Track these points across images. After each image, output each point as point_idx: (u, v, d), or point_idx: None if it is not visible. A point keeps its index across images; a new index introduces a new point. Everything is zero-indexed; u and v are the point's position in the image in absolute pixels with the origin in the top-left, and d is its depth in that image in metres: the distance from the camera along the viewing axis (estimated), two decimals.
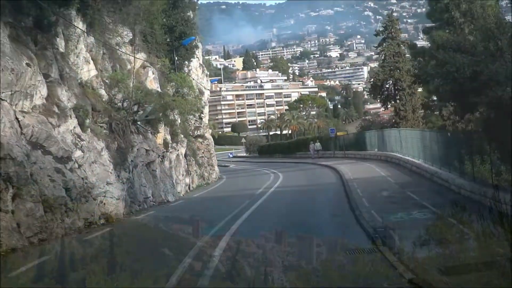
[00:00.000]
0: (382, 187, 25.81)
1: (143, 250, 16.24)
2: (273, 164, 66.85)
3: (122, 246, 17.45)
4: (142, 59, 34.18)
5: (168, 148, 34.21)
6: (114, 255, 15.92)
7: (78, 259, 15.57)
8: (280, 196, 28.63)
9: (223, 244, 15.12)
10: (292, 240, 16.08)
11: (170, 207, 28.61)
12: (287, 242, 15.90)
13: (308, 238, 15.97)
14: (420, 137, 31.05)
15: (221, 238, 15.77)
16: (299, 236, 16.49)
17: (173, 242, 16.64)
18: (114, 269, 13.61)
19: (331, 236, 16.58)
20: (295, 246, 15.21)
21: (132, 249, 16.77)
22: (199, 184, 42.61)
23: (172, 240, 17.74)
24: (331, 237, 16.35)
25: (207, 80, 52.64)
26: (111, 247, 17.49)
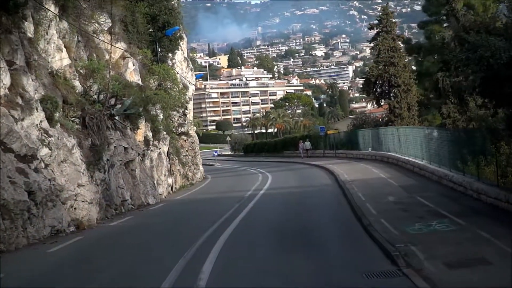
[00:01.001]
0: (385, 191, 23.28)
1: (113, 268, 13.58)
2: (260, 163, 64.31)
3: (91, 262, 14.73)
4: (122, 48, 31.38)
5: (149, 146, 31.42)
6: (78, 275, 13.24)
7: (32, 279, 12.90)
8: (271, 200, 25.91)
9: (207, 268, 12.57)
10: (293, 258, 13.40)
11: (150, 211, 25.86)
12: (288, 260, 13.24)
13: (313, 257, 13.31)
14: (424, 135, 28.49)
15: (203, 262, 13.16)
16: (302, 253, 13.80)
17: (144, 266, 13.90)
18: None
19: (339, 253, 13.90)
20: (299, 268, 12.53)
21: (102, 265, 14.07)
22: (183, 185, 39.89)
23: (145, 256, 15.00)
24: (340, 255, 13.67)
25: (192, 74, 49.83)
26: (77, 262, 14.75)
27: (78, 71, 25.65)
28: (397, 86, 46.90)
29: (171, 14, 38.07)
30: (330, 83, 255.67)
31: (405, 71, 47.23)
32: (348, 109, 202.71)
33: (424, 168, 27.14)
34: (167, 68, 33.98)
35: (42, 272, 13.66)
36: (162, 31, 37.37)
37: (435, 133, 26.55)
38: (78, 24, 26.59)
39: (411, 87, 46.84)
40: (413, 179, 26.43)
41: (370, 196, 21.92)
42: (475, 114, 35.01)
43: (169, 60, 41.20)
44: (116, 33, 31.43)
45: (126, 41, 33.27)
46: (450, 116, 41.01)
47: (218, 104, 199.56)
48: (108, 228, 20.80)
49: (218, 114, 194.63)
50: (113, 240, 18.24)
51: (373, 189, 24.33)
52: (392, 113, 47.19)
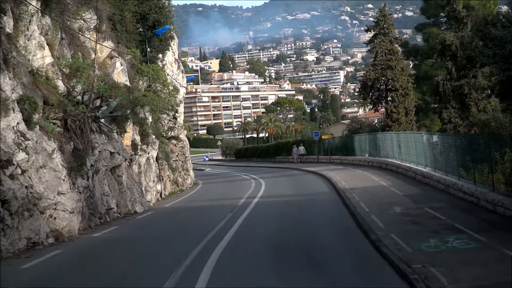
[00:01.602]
0: (390, 201, 21.73)
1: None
2: (252, 168, 62.71)
3: (67, 281, 13.08)
4: (109, 47, 29.73)
5: (137, 150, 29.75)
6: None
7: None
8: (266, 211, 24.20)
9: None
10: (295, 283, 11.78)
11: (136, 221, 24.17)
12: (289, 286, 11.63)
13: (318, 282, 11.69)
14: (427, 141, 26.98)
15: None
16: (305, 276, 12.19)
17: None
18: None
19: (347, 275, 12.26)
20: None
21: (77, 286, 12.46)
22: (173, 191, 38.22)
23: (126, 277, 13.35)
24: (348, 277, 12.04)
25: (183, 76, 48.25)
26: (52, 282, 13.10)
27: (61, 70, 23.97)
28: (395, 90, 45.44)
29: (162, 12, 36.49)
30: (322, 88, 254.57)
31: (403, 75, 45.77)
32: (340, 114, 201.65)
33: (429, 176, 25.62)
34: (157, 68, 32.33)
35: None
36: (152, 31, 35.80)
37: (440, 139, 25.00)
38: (62, 20, 24.92)
39: (409, 91, 45.37)
40: (418, 188, 24.90)
41: (374, 207, 20.37)
42: (478, 119, 33.50)
43: (159, 61, 39.63)
44: (103, 31, 29.84)
45: (114, 40, 31.68)
46: (451, 121, 39.57)
47: (209, 108, 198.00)
48: (89, 240, 19.10)
49: (209, 118, 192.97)
50: (93, 255, 16.56)
51: (375, 199, 22.79)
52: (389, 118, 45.70)
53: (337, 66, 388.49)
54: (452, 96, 39.87)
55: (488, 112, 34.88)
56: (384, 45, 46.24)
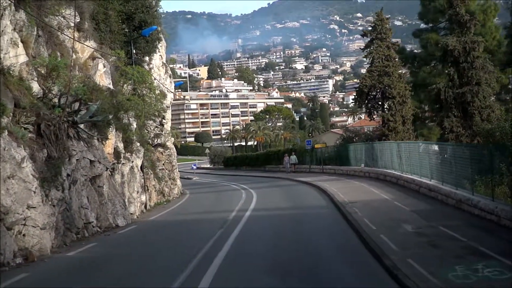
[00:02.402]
0: (397, 217, 19.72)
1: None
2: (241, 178, 60.60)
3: None
4: (91, 47, 27.60)
5: (119, 158, 27.57)
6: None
7: None
8: (260, 227, 21.99)
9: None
10: None
11: (117, 237, 21.96)
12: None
13: None
14: (434, 151, 25.02)
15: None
16: None
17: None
18: None
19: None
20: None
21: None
22: (158, 202, 36.06)
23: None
24: None
25: (170, 81, 46.12)
26: None
27: (36, 70, 21.83)
28: (392, 97, 43.45)
29: (149, 12, 34.37)
30: (311, 96, 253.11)
31: (400, 82, 43.81)
32: (329, 123, 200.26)
33: (435, 189, 23.64)
34: (142, 70, 30.14)
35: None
36: (138, 31, 33.67)
37: (450, 149, 23.02)
38: (39, 16, 22.80)
39: (407, 99, 43.40)
40: (424, 202, 22.89)
41: (380, 224, 18.34)
42: (482, 129, 31.68)
43: (146, 65, 37.56)
44: (85, 30, 27.69)
45: (97, 41, 29.55)
46: (453, 131, 37.64)
47: (197, 116, 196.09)
48: (62, 260, 16.91)
49: (197, 126, 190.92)
50: (63, 280, 14.37)
51: (380, 214, 20.77)
52: (386, 126, 43.71)
53: (326, 74, 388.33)
54: (454, 104, 38.00)
55: (492, 122, 33.10)
56: (381, 51, 44.27)
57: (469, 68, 37.99)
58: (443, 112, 38.92)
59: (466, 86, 38.10)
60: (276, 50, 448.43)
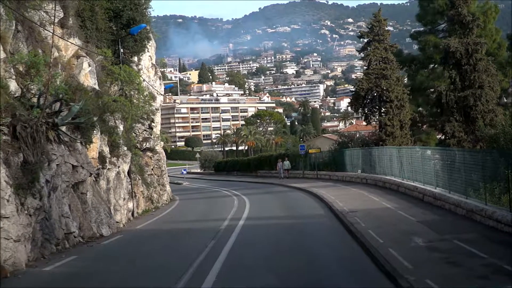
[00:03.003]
0: (404, 228, 18.19)
1: None
2: (233, 183, 59.01)
3: None
4: (76, 44, 25.97)
5: (105, 163, 25.89)
6: None
7: None
8: (256, 238, 20.28)
9: None
10: None
11: (100, 248, 20.32)
12: None
13: None
14: (440, 157, 23.48)
15: None
16: None
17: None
18: None
19: None
20: None
21: None
22: (146, 209, 34.39)
23: None
24: None
25: (160, 83, 44.44)
26: None
27: (15, 67, 20.17)
28: (389, 101, 41.96)
29: (137, 10, 32.72)
30: (302, 101, 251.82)
31: (398, 85, 42.34)
32: (321, 128, 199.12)
33: (442, 198, 22.12)
34: (130, 70, 28.50)
35: None
36: (126, 30, 32.03)
37: (460, 155, 21.50)
38: (19, 9, 21.17)
39: (405, 103, 41.92)
40: (431, 212, 21.35)
41: (387, 236, 16.80)
42: (486, 134, 30.23)
43: (135, 66, 35.96)
44: (70, 26, 26.08)
45: (83, 38, 27.91)
46: (454, 136, 36.16)
47: (188, 120, 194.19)
48: (37, 276, 15.26)
49: (188, 130, 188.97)
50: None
51: (385, 225, 19.22)
52: (383, 131, 42.21)
53: (316, 79, 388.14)
54: (456, 108, 36.52)
55: (496, 126, 31.69)
56: (378, 53, 42.77)
57: (472, 70, 36.56)
58: (444, 117, 37.46)
59: (468, 90, 36.65)
60: (267, 54, 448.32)
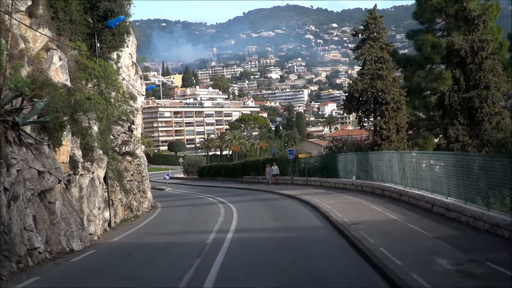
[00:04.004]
0: (421, 246, 15.62)
1: None
2: (217, 189, 56.38)
3: None
4: (47, 35, 23.20)
5: (77, 169, 23.07)
6: None
7: None
8: (247, 254, 17.49)
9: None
10: None
11: (68, 266, 17.51)
12: None
13: None
14: (454, 163, 20.91)
15: None
16: None
17: None
18: None
19: None
20: None
21: None
22: (125, 218, 31.63)
23: None
24: None
25: (141, 83, 41.66)
26: None
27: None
28: (385, 103, 39.41)
29: (115, 1, 30.01)
30: (287, 106, 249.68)
31: (395, 86, 39.83)
32: (305, 133, 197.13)
33: (457, 209, 19.59)
34: (105, 64, 25.70)
35: None
36: (103, 22, 29.31)
37: (479, 161, 18.96)
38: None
39: (402, 106, 39.40)
40: (446, 226, 18.78)
41: (405, 257, 14.25)
42: (494, 138, 27.77)
43: (114, 63, 33.24)
44: (39, 16, 23.33)
45: (54, 31, 25.17)
46: (458, 140, 33.65)
47: (171, 124, 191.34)
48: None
49: (171, 134, 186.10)
50: None
51: (398, 242, 16.65)
52: (379, 135, 39.70)
53: (301, 84, 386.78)
54: (459, 110, 34.00)
55: (504, 130, 29.31)
56: (373, 52, 40.20)
57: (477, 70, 34.06)
58: (447, 119, 34.90)
59: (473, 90, 34.15)
60: (251, 59, 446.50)
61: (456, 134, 33.68)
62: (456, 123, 34.02)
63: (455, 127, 33.84)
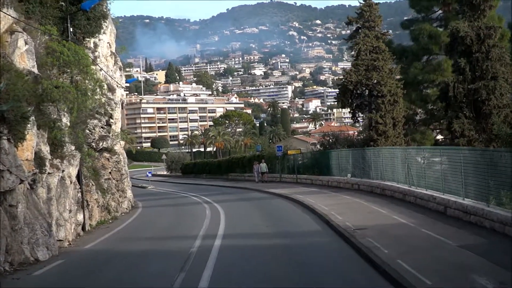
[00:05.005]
0: (449, 259, 13.14)
1: None
2: (202, 187, 53.86)
3: None
4: (11, 16, 20.43)
5: (44, 167, 20.24)
6: None
7: None
8: (239, 270, 14.74)
9: None
10: None
11: (30, 282, 14.88)
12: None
13: None
14: (474, 160, 18.42)
15: None
16: None
17: None
18: None
19: None
20: None
21: None
22: (102, 220, 28.90)
23: None
24: None
25: (121, 74, 38.86)
26: None
27: None
28: (381, 96, 36.91)
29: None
30: (272, 102, 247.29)
31: (391, 78, 37.32)
32: (290, 129, 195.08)
33: (478, 213, 17.14)
34: (75, 47, 22.87)
35: None
36: (77, 5, 26.52)
37: (503, 157, 16.49)
38: None
39: (399, 98, 36.92)
40: (467, 231, 16.30)
41: (431, 273, 11.79)
42: (504, 132, 25.31)
43: (90, 53, 30.53)
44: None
45: (23, 13, 22.41)
46: (464, 135, 31.20)
47: (154, 120, 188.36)
48: None
49: (154, 131, 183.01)
50: None
51: (416, 252, 14.18)
52: (374, 130, 37.21)
53: (285, 81, 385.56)
54: (465, 102, 31.53)
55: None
56: (368, 41, 37.60)
57: (484, 59, 31.61)
58: (451, 112, 32.40)
59: (480, 81, 31.66)
60: (235, 55, 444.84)
61: (462, 129, 31.15)
62: (461, 116, 31.51)
63: (460, 121, 31.33)
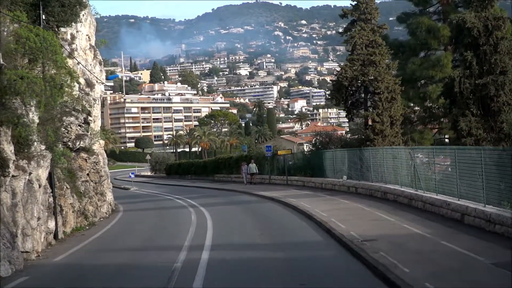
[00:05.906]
0: (488, 283, 10.90)
1: None
2: (187, 189, 51.37)
3: None
4: None
5: (7, 169, 17.72)
6: None
7: None
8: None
9: None
10: None
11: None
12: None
13: None
14: (498, 161, 16.21)
15: None
16: None
17: None
18: None
19: None
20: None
21: None
22: (78, 227, 26.39)
23: None
24: None
25: (101, 69, 36.29)
26: None
27: None
28: (378, 93, 34.65)
29: None
30: (258, 102, 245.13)
31: (389, 74, 35.10)
32: (276, 129, 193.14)
33: (504, 222, 14.92)
34: (44, 33, 20.33)
35: None
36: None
37: None
38: None
39: (396, 96, 34.70)
40: (497, 245, 14.01)
41: None
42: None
43: (67, 45, 28.08)
44: None
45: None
46: (471, 134, 28.97)
47: (138, 120, 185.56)
48: None
49: (138, 131, 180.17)
50: None
51: (444, 273, 11.90)
52: (371, 129, 34.96)
53: (270, 81, 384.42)
54: (472, 99, 29.30)
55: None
56: (364, 35, 35.30)
57: (492, 52, 29.37)
58: (457, 110, 30.13)
59: (488, 76, 29.41)
60: (220, 55, 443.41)
61: (469, 127, 28.82)
62: (468, 114, 29.26)
63: (467, 119, 29.03)
